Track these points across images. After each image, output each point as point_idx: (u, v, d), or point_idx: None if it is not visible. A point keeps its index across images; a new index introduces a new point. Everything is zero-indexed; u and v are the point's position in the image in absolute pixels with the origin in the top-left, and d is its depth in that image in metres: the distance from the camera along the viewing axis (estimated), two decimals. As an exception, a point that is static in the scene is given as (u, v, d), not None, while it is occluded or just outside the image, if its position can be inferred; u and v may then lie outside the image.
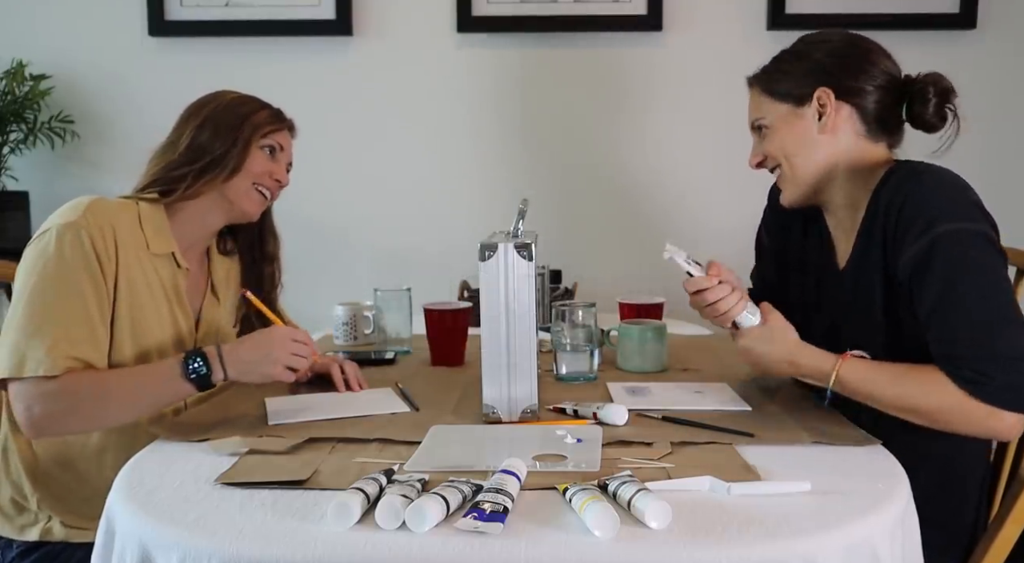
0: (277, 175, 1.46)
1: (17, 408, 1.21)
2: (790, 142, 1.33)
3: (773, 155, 1.35)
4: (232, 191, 1.41)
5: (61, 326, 1.22)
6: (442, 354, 1.64)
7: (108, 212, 1.32)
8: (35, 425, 1.21)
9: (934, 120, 1.28)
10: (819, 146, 1.31)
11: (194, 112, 1.44)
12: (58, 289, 1.24)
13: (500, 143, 2.46)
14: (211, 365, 1.22)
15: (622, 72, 2.43)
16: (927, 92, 1.27)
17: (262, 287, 1.56)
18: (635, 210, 2.46)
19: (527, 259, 1.20)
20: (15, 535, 1.36)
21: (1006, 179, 2.37)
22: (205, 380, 1.23)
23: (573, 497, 0.91)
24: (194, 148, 1.40)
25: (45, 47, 2.40)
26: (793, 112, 1.32)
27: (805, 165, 1.32)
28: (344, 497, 0.88)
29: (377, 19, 2.42)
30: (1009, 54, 2.38)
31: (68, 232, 1.26)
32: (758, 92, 1.37)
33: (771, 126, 1.34)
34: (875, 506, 0.93)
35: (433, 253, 2.45)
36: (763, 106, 1.36)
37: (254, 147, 1.42)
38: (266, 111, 1.46)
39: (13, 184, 2.39)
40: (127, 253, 1.32)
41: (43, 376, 1.19)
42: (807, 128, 1.31)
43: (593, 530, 0.84)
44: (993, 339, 1.11)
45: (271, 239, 1.58)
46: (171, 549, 0.87)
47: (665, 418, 1.24)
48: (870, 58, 1.30)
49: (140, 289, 1.34)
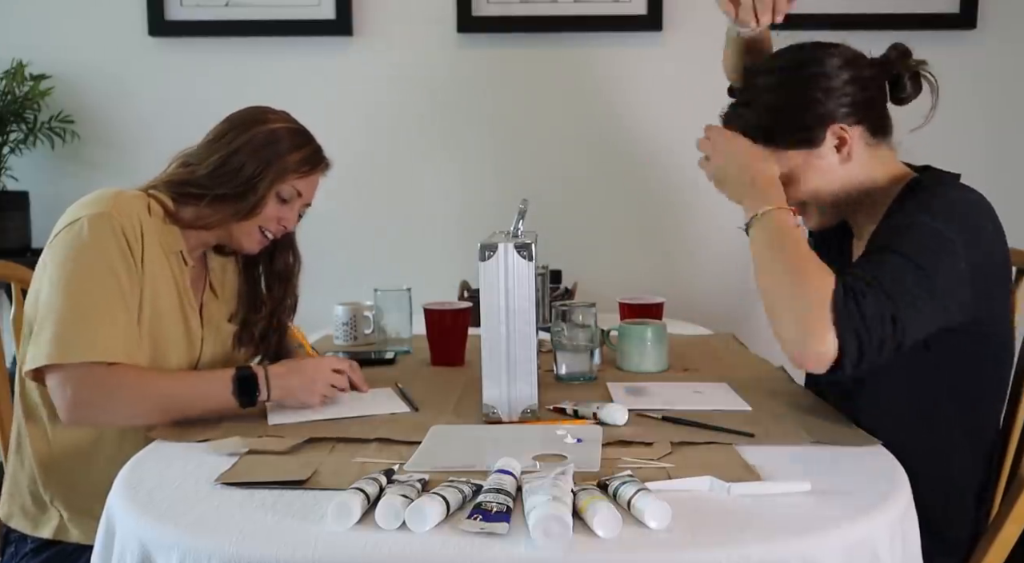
0: (285, 221, 1.45)
1: (62, 393, 1.21)
2: (814, 181, 1.29)
3: (797, 198, 1.30)
4: (236, 228, 1.41)
5: (103, 315, 1.23)
6: (442, 354, 1.64)
7: (134, 204, 1.33)
8: (77, 410, 1.22)
9: (913, 93, 1.30)
10: (842, 175, 1.28)
11: (236, 130, 1.41)
12: (97, 278, 1.25)
13: (500, 143, 2.46)
14: (258, 386, 1.26)
15: (622, 72, 2.43)
16: (901, 71, 1.29)
17: (256, 307, 1.53)
18: (635, 210, 2.46)
19: (527, 259, 1.20)
20: (30, 530, 1.36)
21: (1006, 179, 2.37)
22: (252, 400, 1.26)
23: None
24: (219, 173, 1.38)
25: (45, 47, 2.40)
26: (811, 155, 1.28)
27: (835, 195, 1.30)
28: (344, 497, 0.88)
29: (377, 19, 2.42)
30: (1009, 54, 2.38)
31: (101, 222, 1.27)
32: (758, 144, 1.30)
33: (788, 174, 1.28)
34: (875, 506, 0.93)
35: (433, 253, 2.45)
36: (775, 157, 1.29)
37: (273, 193, 1.40)
38: (301, 153, 1.42)
39: (13, 184, 2.39)
40: (150, 245, 1.33)
41: (89, 362, 1.20)
42: (829, 163, 1.28)
43: (596, 530, 0.84)
44: (897, 291, 1.09)
45: (284, 256, 1.54)
46: (171, 549, 0.87)
47: (665, 418, 1.24)
48: (866, 71, 1.29)
49: (159, 283, 1.35)
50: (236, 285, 1.55)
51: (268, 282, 1.54)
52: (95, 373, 1.21)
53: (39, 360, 1.21)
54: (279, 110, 1.47)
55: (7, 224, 2.32)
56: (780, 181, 1.27)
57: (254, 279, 1.55)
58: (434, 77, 2.44)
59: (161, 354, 1.34)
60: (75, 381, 1.21)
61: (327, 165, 1.48)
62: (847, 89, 1.26)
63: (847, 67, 1.27)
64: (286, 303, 1.55)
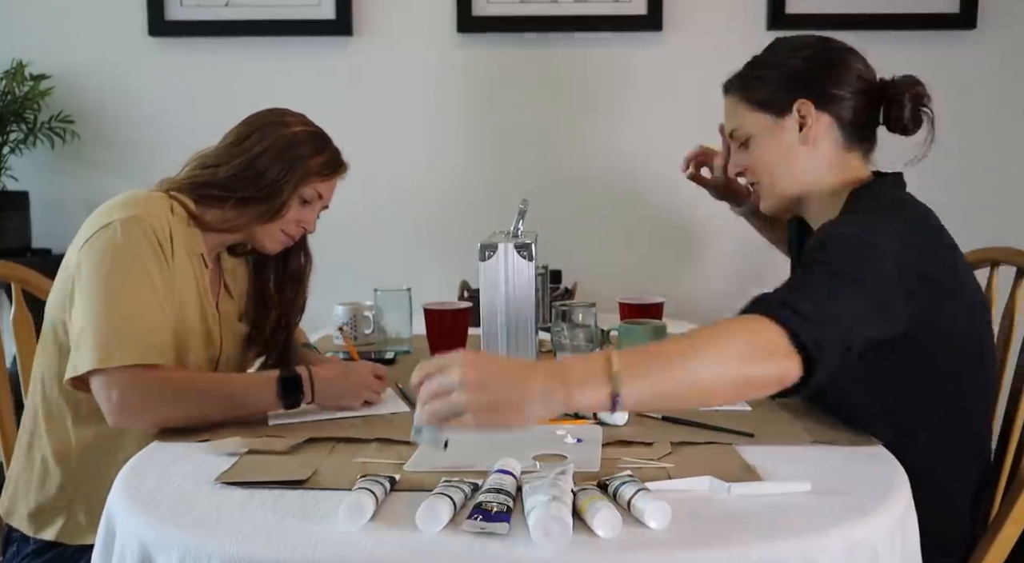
0: (305, 222, 1.46)
1: (106, 397, 1.22)
2: (773, 154, 1.30)
3: (754, 168, 1.33)
4: (259, 230, 1.43)
5: (144, 317, 1.25)
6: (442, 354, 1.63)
7: (162, 207, 1.34)
8: (122, 413, 1.22)
9: (910, 124, 1.27)
10: (800, 159, 1.29)
11: (258, 133, 1.41)
12: (134, 281, 1.26)
13: (500, 143, 2.46)
14: (302, 389, 1.27)
15: (622, 72, 2.43)
16: (902, 96, 1.27)
17: (266, 308, 1.54)
18: (635, 210, 2.46)
19: (527, 259, 1.21)
20: (32, 532, 1.36)
21: (1006, 179, 2.37)
22: (295, 402, 1.27)
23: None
24: (242, 176, 1.39)
25: (45, 47, 2.40)
26: (774, 123, 1.30)
27: (786, 178, 1.31)
28: (356, 496, 0.88)
29: (377, 19, 2.42)
30: (1009, 54, 2.38)
31: (134, 225, 1.28)
32: (735, 100, 1.34)
33: (752, 137, 1.32)
34: (875, 506, 0.93)
35: (433, 253, 2.45)
36: (742, 115, 1.33)
37: (296, 196, 1.42)
38: (323, 157, 1.44)
39: (13, 184, 2.39)
40: (178, 248, 1.34)
41: (132, 365, 1.21)
42: (788, 140, 1.29)
43: (596, 530, 0.84)
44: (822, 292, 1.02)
45: (297, 257, 1.55)
46: (171, 549, 0.87)
47: (665, 418, 1.24)
48: (846, 63, 1.29)
49: (184, 284, 1.36)
50: (246, 285, 1.55)
51: (280, 283, 1.55)
52: (139, 376, 1.22)
53: (84, 366, 1.22)
54: (296, 112, 1.48)
55: (7, 224, 2.32)
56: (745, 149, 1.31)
57: (264, 279, 1.55)
58: (434, 77, 2.43)
59: (183, 353, 1.35)
60: (120, 385, 1.21)
61: (346, 168, 1.50)
62: (832, 73, 1.27)
63: (848, 59, 1.28)
64: (296, 304, 1.56)
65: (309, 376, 1.29)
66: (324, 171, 1.44)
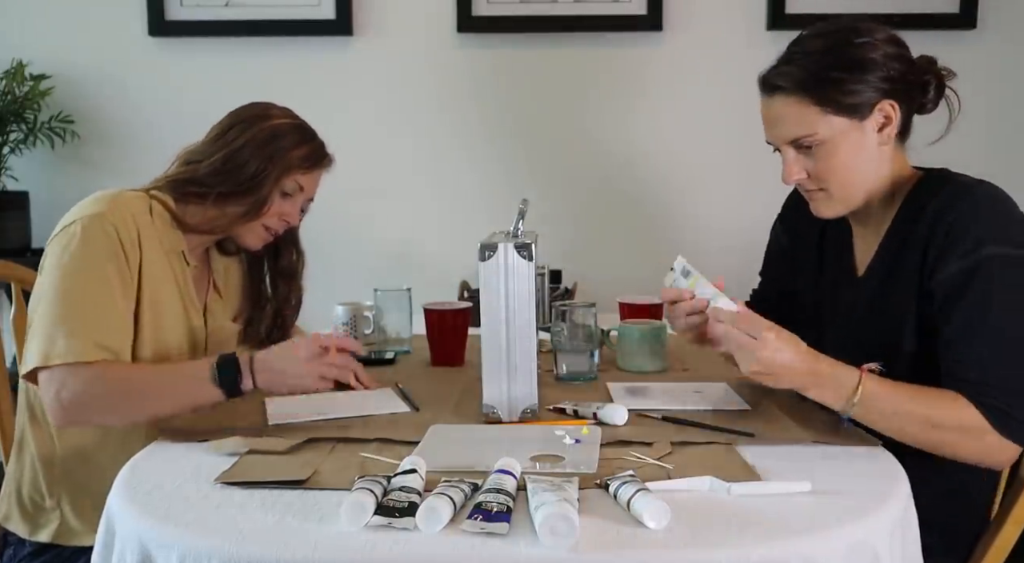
0: (287, 216, 1.45)
1: (47, 394, 1.21)
2: (851, 159, 1.20)
3: (823, 175, 1.22)
4: (240, 226, 1.41)
5: (91, 315, 1.23)
6: (442, 354, 1.63)
7: (132, 204, 1.32)
8: (63, 411, 1.21)
9: (934, 106, 1.25)
10: (876, 160, 1.22)
11: (239, 127, 1.40)
12: (87, 279, 1.25)
13: (500, 143, 2.46)
14: (241, 372, 1.22)
15: (622, 72, 2.42)
16: (932, 78, 1.24)
17: (261, 306, 1.53)
18: (635, 210, 2.46)
19: (527, 259, 1.20)
20: (28, 534, 1.36)
21: (1006, 179, 2.34)
22: (233, 387, 1.22)
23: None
24: (222, 171, 1.37)
25: (45, 47, 2.40)
26: (855, 127, 1.20)
27: (862, 182, 1.23)
28: (357, 496, 0.88)
29: (377, 19, 2.42)
30: (1009, 54, 2.38)
31: (95, 223, 1.27)
32: (804, 102, 1.20)
33: (826, 142, 1.20)
34: (875, 506, 0.93)
35: (433, 253, 2.45)
36: (814, 120, 1.19)
37: (277, 190, 1.40)
38: (305, 148, 1.42)
39: (13, 184, 2.39)
40: (149, 246, 1.32)
41: (73, 363, 1.19)
42: (868, 142, 1.21)
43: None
44: (1022, 374, 1.10)
45: (288, 253, 1.54)
46: (171, 549, 0.87)
47: (665, 418, 1.24)
48: (910, 57, 1.24)
49: (159, 283, 1.34)
50: (240, 285, 1.55)
51: (273, 280, 1.54)
52: (77, 373, 1.20)
53: (28, 364, 1.22)
54: (281, 106, 1.46)
55: (7, 224, 2.32)
56: (813, 154, 1.21)
57: (259, 277, 1.55)
58: (434, 77, 2.43)
59: (163, 356, 1.34)
60: (58, 383, 1.20)
61: (330, 161, 1.48)
62: (893, 65, 1.20)
63: (892, 43, 1.23)
64: (291, 301, 1.55)
65: (249, 359, 1.23)
66: (305, 163, 1.42)
